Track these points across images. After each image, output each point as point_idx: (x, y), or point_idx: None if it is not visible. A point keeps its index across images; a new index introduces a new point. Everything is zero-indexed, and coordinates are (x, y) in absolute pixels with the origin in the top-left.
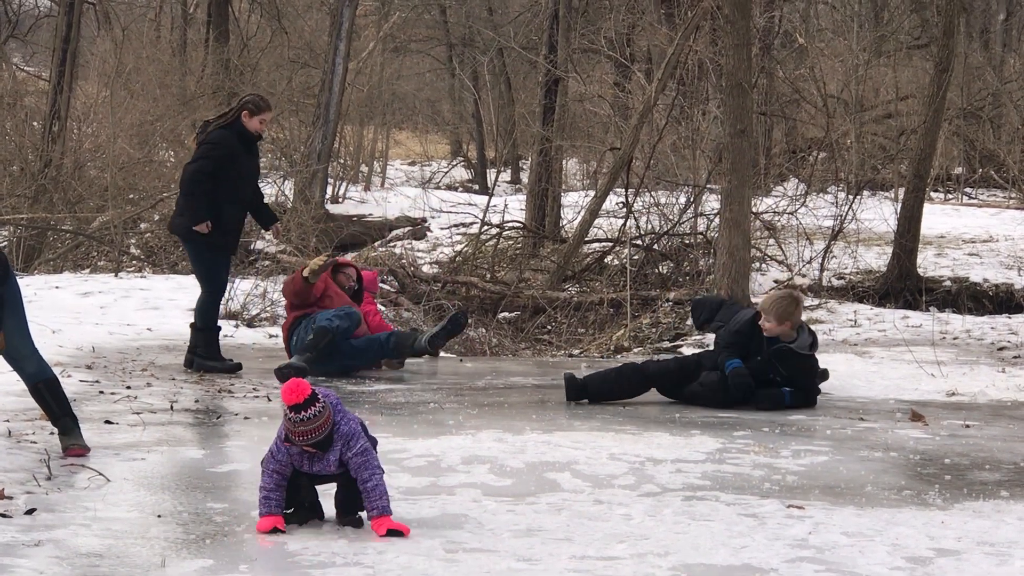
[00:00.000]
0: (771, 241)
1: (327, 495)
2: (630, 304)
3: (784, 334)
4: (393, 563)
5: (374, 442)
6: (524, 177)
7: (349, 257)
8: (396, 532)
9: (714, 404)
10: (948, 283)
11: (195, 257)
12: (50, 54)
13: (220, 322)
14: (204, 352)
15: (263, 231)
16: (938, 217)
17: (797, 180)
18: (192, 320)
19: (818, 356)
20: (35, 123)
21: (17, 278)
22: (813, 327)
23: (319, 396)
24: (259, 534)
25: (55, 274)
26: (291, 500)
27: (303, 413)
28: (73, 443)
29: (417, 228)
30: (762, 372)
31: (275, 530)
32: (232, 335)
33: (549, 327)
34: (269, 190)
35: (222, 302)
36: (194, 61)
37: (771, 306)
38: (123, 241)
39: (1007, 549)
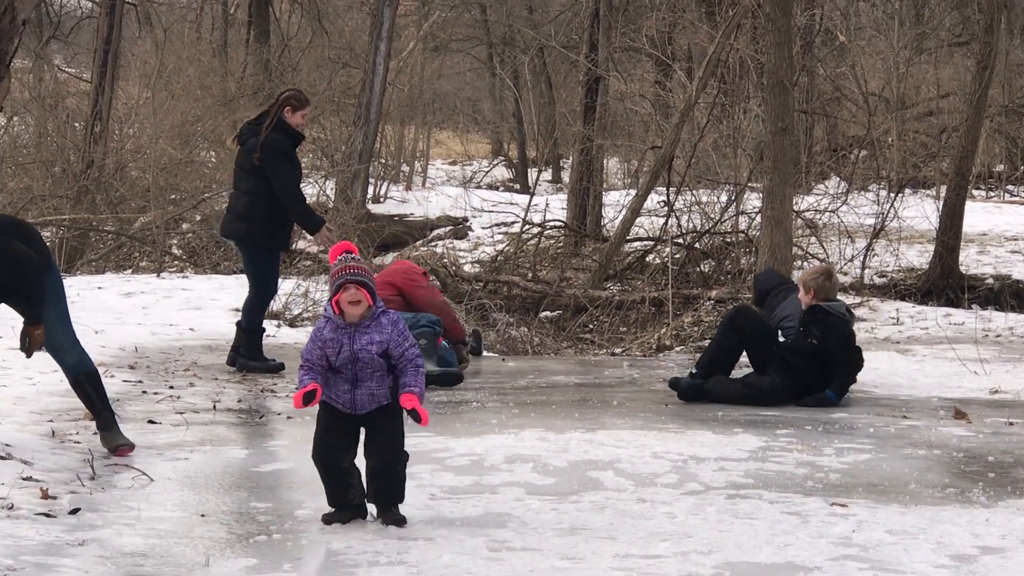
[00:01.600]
0: (813, 239)
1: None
2: (672, 303)
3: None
4: (437, 562)
5: None
6: (565, 176)
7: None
8: (416, 415)
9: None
10: (990, 281)
11: (252, 260)
12: (92, 55)
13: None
14: (248, 352)
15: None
16: (980, 215)
17: (839, 178)
18: (238, 319)
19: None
20: (77, 124)
21: (59, 271)
22: (855, 326)
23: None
24: (296, 405)
25: (97, 275)
26: (339, 499)
27: (352, 255)
28: (120, 443)
29: (458, 227)
30: (801, 343)
31: (310, 395)
32: (275, 335)
33: (591, 326)
34: (311, 190)
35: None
36: (235, 62)
37: (803, 279)
38: (165, 241)
39: None
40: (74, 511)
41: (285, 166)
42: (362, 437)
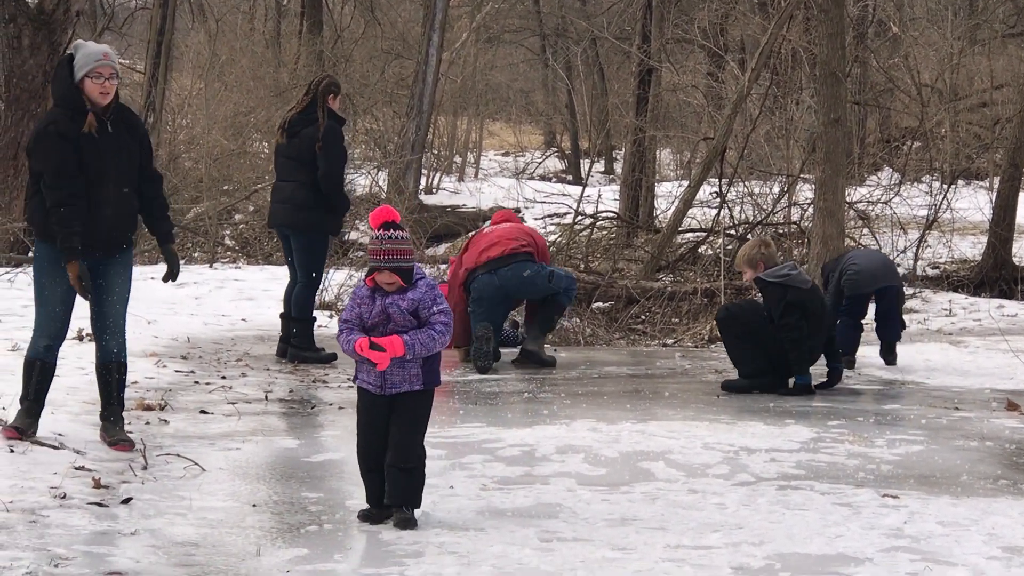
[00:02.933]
0: (865, 231)
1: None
2: (724, 294)
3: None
4: (487, 552)
5: None
6: (618, 167)
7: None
8: (377, 347)
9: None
10: None
11: (309, 248)
12: (145, 47)
13: (313, 313)
14: (299, 342)
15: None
16: None
17: (891, 169)
18: (281, 311)
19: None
20: None
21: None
22: (907, 317)
23: (404, 228)
24: (362, 351)
25: (151, 265)
26: (378, 497)
27: (392, 232)
28: (121, 438)
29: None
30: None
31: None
32: (327, 325)
33: (643, 317)
34: (363, 181)
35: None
36: (287, 53)
37: (737, 263)
38: (218, 232)
39: None
40: (126, 501)
41: (338, 154)
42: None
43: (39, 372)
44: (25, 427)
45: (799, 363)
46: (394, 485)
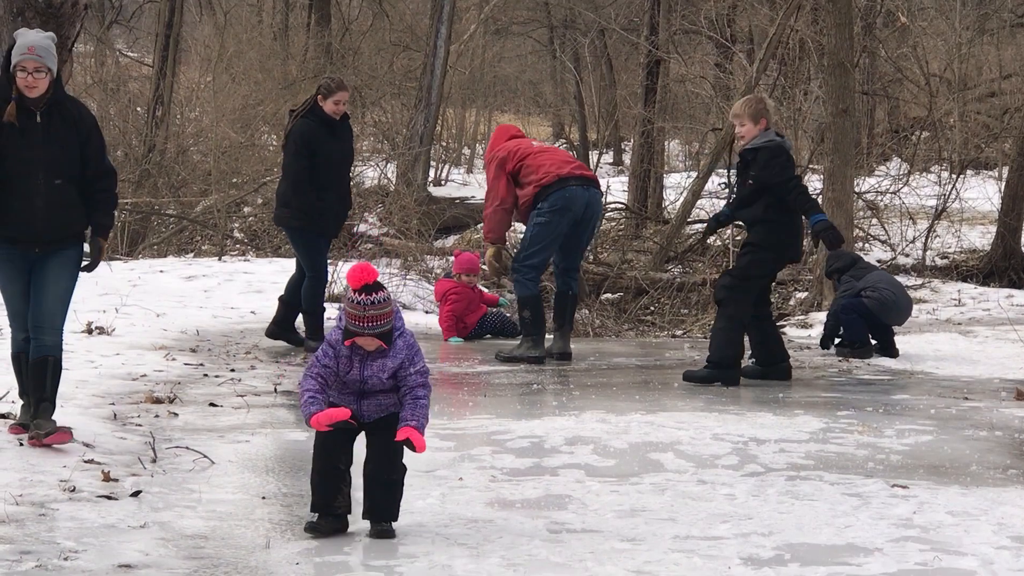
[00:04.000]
0: (874, 221)
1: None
2: None
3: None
4: (497, 543)
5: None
6: (626, 159)
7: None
8: (410, 444)
9: None
10: None
11: (294, 244)
12: (153, 40)
13: (324, 304)
14: (308, 333)
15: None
16: None
17: (900, 159)
18: (281, 294)
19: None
20: (138, 108)
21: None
22: (917, 308)
23: (383, 285)
24: (318, 426)
25: (159, 258)
26: (326, 503)
27: (372, 296)
28: (52, 429)
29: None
30: (740, 189)
31: (341, 423)
32: (334, 318)
33: (652, 308)
34: (372, 173)
35: (326, 285)
36: (295, 45)
37: (738, 110)
38: (226, 225)
39: None
40: (135, 493)
41: (292, 156)
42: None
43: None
44: (28, 423)
45: (814, 207)
46: (375, 498)
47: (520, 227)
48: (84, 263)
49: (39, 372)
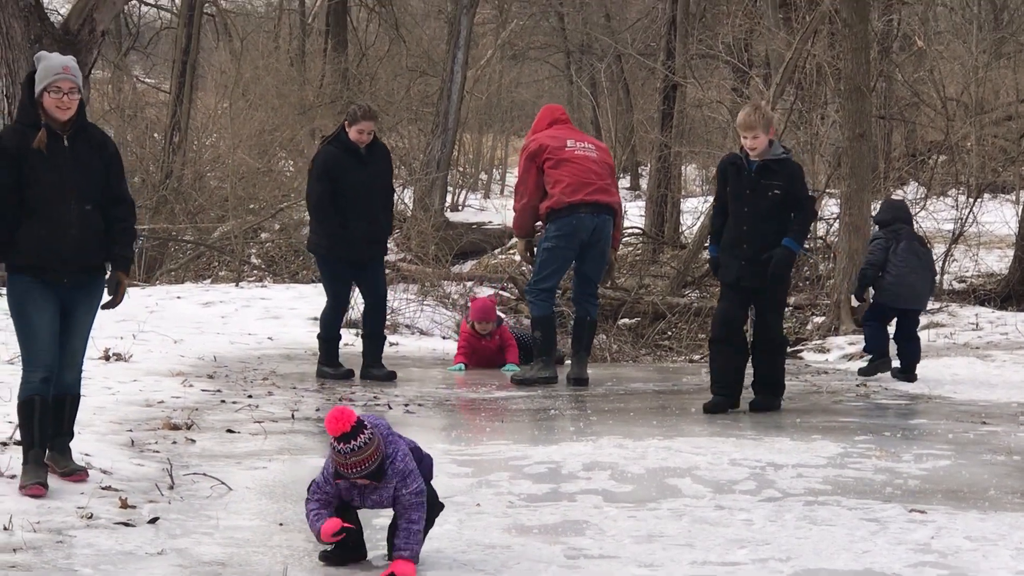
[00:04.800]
0: None
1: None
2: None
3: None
4: (515, 569)
5: (429, 463)
6: (643, 183)
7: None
8: None
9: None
10: None
11: (319, 269)
12: (170, 66)
13: (340, 332)
14: (323, 359)
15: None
16: None
17: (917, 183)
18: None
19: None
20: (156, 134)
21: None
22: (934, 332)
23: (366, 424)
24: (327, 538)
25: (177, 284)
26: (337, 543)
27: (352, 443)
28: (74, 468)
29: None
30: (759, 201)
31: (341, 530)
32: (352, 343)
33: (669, 333)
34: None
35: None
36: (312, 71)
37: (752, 121)
38: (244, 251)
39: None
40: (153, 520)
41: (313, 181)
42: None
43: (40, 410)
44: (44, 482)
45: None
46: (405, 536)
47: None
48: (105, 300)
49: (59, 410)
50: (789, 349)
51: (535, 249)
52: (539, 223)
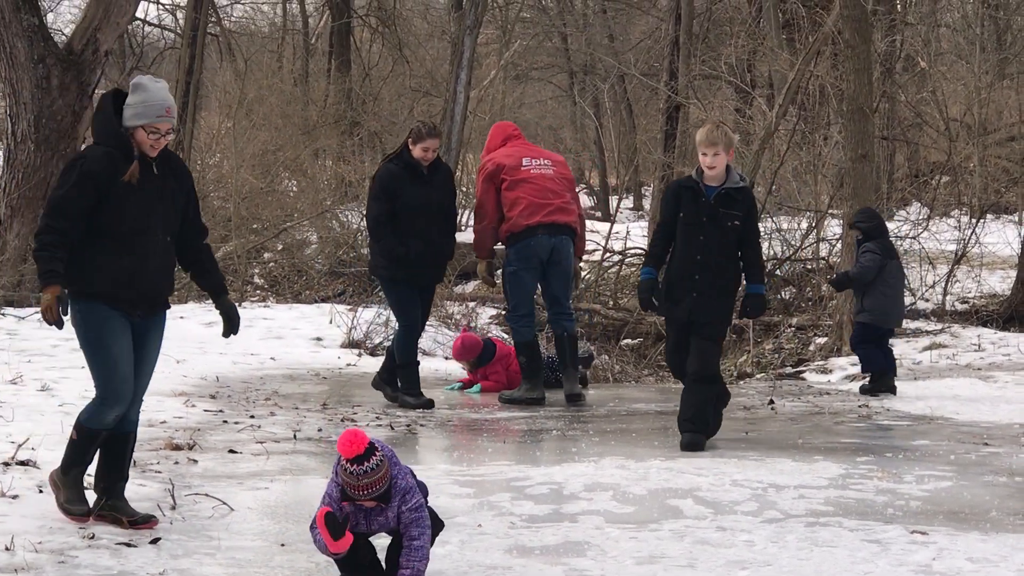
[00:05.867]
0: None
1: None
2: (752, 330)
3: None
4: None
5: (425, 491)
6: (646, 203)
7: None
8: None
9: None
10: None
11: (384, 293)
12: (174, 86)
13: (342, 351)
14: (403, 386)
15: None
16: None
17: (920, 204)
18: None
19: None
20: None
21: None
22: (937, 352)
23: (377, 447)
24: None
25: (180, 304)
26: (349, 563)
27: (364, 464)
28: (147, 516)
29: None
30: (716, 231)
31: (344, 523)
32: (355, 364)
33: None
34: None
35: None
36: (316, 91)
37: (715, 137)
38: (247, 271)
39: None
40: (155, 541)
41: (371, 200)
42: None
43: (99, 443)
44: (90, 509)
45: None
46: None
47: None
48: (224, 327)
49: (123, 448)
50: (791, 369)
51: (496, 272)
52: (499, 244)
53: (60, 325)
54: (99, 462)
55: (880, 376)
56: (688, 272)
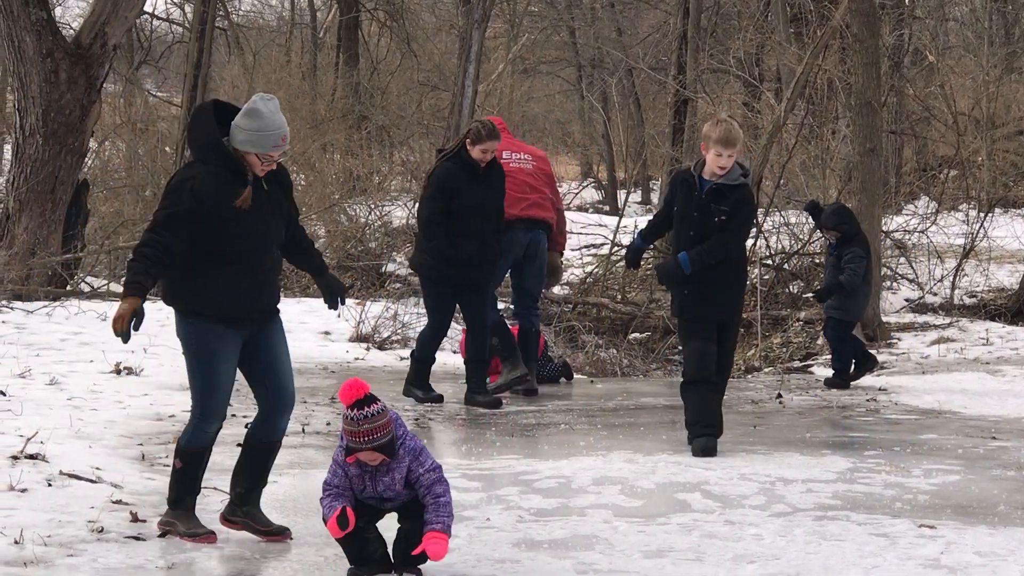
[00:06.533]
0: (901, 259)
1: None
2: (760, 324)
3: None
4: None
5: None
6: (655, 197)
7: None
8: (422, 558)
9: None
10: None
11: (423, 289)
12: (182, 80)
13: (350, 345)
14: (412, 378)
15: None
16: None
17: (928, 198)
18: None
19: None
20: (167, 148)
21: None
22: (945, 347)
23: (378, 398)
24: (335, 534)
25: None
26: (358, 557)
27: (365, 409)
28: (281, 527)
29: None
30: (703, 225)
31: (344, 520)
32: (363, 358)
33: (679, 348)
34: (400, 213)
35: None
36: (324, 85)
37: (735, 137)
38: None
39: None
40: (163, 534)
41: (427, 199)
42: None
43: (204, 462)
44: (203, 528)
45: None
46: (405, 556)
47: None
48: (326, 300)
49: (267, 457)
50: (799, 363)
51: None
52: None
53: (126, 339)
54: (239, 467)
55: (864, 361)
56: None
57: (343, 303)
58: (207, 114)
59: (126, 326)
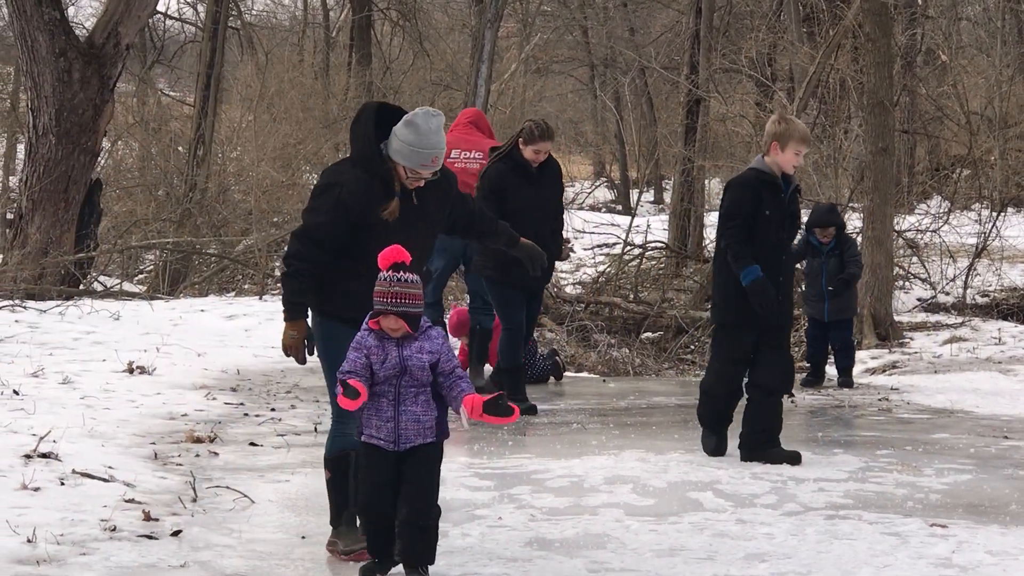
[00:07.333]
0: (914, 259)
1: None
2: None
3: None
4: None
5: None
6: (667, 197)
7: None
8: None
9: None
10: None
11: (489, 295)
12: (195, 79)
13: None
14: (510, 392)
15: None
16: None
17: (940, 198)
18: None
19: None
20: (180, 148)
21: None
22: (957, 346)
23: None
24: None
25: (200, 297)
26: (381, 550)
27: (402, 273)
28: (361, 546)
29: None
30: (791, 229)
31: (352, 390)
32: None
33: (692, 347)
34: None
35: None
36: (337, 84)
37: (801, 131)
38: (268, 264)
39: None
40: (176, 533)
41: (480, 200)
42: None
43: (354, 466)
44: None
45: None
46: (411, 544)
47: None
48: (532, 264)
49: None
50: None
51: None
52: None
53: (303, 362)
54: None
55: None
56: (772, 274)
57: (544, 266)
58: (369, 117)
59: (302, 355)
